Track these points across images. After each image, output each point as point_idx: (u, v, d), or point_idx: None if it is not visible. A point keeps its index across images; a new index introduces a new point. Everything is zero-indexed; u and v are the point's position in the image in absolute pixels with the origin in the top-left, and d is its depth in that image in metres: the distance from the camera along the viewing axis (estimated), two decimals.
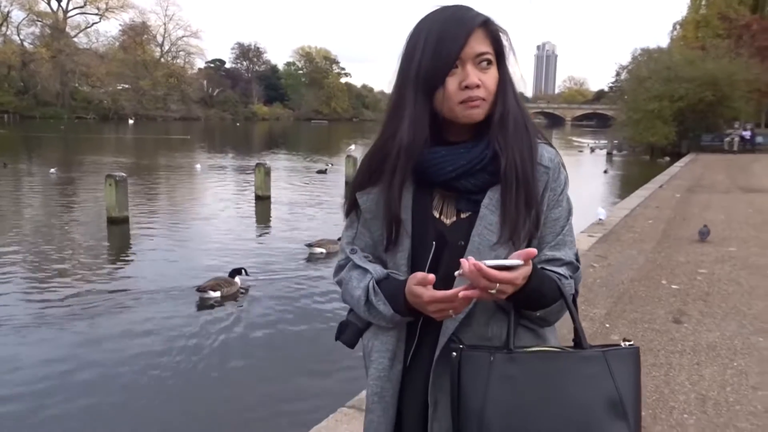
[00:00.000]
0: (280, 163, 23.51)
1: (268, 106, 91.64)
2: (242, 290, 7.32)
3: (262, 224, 12.14)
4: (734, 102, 26.20)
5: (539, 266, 1.17)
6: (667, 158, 24.25)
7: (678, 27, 45.46)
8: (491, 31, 1.17)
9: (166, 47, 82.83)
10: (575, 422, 1.05)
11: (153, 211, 13.17)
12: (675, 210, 9.89)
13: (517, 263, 1.04)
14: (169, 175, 19.86)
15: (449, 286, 1.09)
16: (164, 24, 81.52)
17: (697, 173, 16.82)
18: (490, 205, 1.16)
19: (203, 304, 6.88)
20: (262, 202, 13.70)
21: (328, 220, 11.99)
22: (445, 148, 1.19)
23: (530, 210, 1.16)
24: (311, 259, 8.87)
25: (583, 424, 1.05)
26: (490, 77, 1.16)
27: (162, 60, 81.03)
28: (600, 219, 8.64)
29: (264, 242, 10.35)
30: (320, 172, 20.77)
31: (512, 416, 1.06)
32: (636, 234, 7.86)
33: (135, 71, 72.77)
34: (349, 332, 1.29)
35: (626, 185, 17.57)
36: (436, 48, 1.14)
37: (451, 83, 1.14)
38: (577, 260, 1.22)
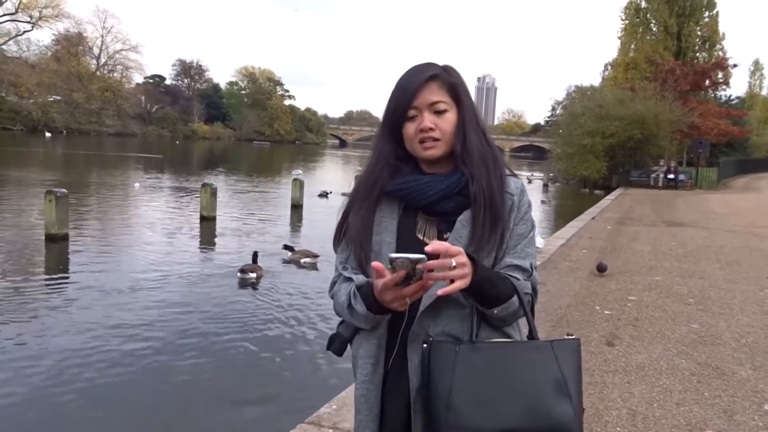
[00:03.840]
0: (223, 184, 23.27)
1: (208, 125, 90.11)
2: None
3: (206, 245, 12.00)
4: (660, 141, 27.88)
5: (502, 269, 1.40)
6: (602, 191, 25.55)
7: (609, 67, 48.12)
8: (446, 82, 1.42)
9: (103, 60, 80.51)
10: (528, 399, 1.26)
11: (92, 229, 12.78)
12: (606, 241, 10.49)
13: (420, 256, 1.19)
14: (105, 194, 19.24)
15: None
16: (101, 36, 79.22)
17: (626, 206, 17.79)
18: (463, 220, 1.39)
19: (242, 284, 8.45)
20: (207, 222, 13.53)
21: (275, 241, 12.02)
22: (428, 176, 1.43)
23: (496, 228, 1.39)
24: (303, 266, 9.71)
25: (535, 402, 1.26)
26: (445, 121, 1.40)
27: (98, 73, 78.57)
28: (538, 248, 9.10)
29: (209, 263, 10.26)
30: (321, 196, 20.27)
31: (475, 397, 1.26)
32: (572, 262, 8.32)
33: (68, 83, 70.14)
34: (337, 343, 1.47)
35: (561, 216, 18.40)
36: (396, 98, 1.41)
37: (410, 128, 1.40)
38: (532, 268, 1.44)
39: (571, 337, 1.39)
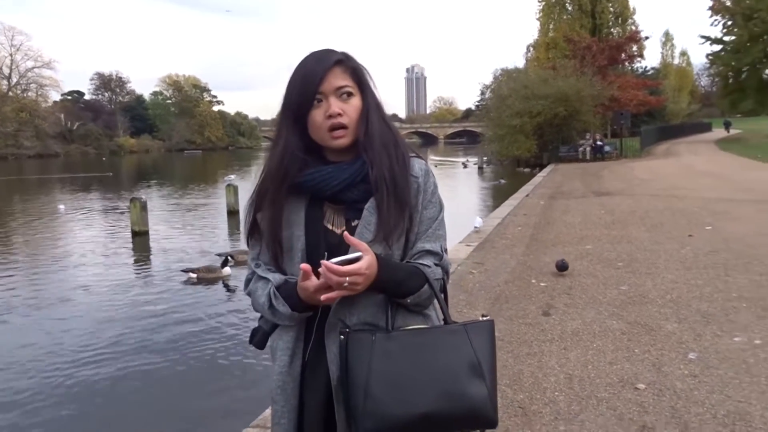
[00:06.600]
0: (155, 197, 22.58)
1: (135, 138, 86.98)
2: (226, 280, 9.04)
3: (140, 260, 11.63)
4: (583, 115, 28.86)
5: (413, 256, 1.41)
6: (537, 169, 26.29)
7: (531, 49, 49.47)
8: (349, 66, 1.41)
9: (15, 79, 76.49)
10: (443, 383, 1.28)
11: (16, 258, 12.14)
12: (540, 216, 10.80)
13: (358, 255, 1.25)
14: (27, 220, 18.17)
15: None
16: (10, 54, 75.26)
17: (557, 181, 18.36)
18: (370, 207, 1.38)
19: (186, 282, 9.03)
20: (140, 237, 13.13)
21: (211, 248, 11.79)
22: (330, 166, 1.40)
23: (403, 212, 1.38)
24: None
25: (450, 384, 1.28)
26: (351, 106, 1.39)
27: (10, 93, 74.53)
28: (476, 227, 9.32)
29: (143, 276, 9.97)
30: None
31: (392, 384, 1.27)
32: (508, 240, 8.52)
33: None
34: (259, 336, 1.46)
35: (499, 195, 18.80)
36: (301, 84, 1.38)
37: (318, 115, 1.37)
38: (443, 250, 1.45)
39: (485, 318, 1.41)
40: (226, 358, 6.03)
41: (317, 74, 1.36)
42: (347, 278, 1.24)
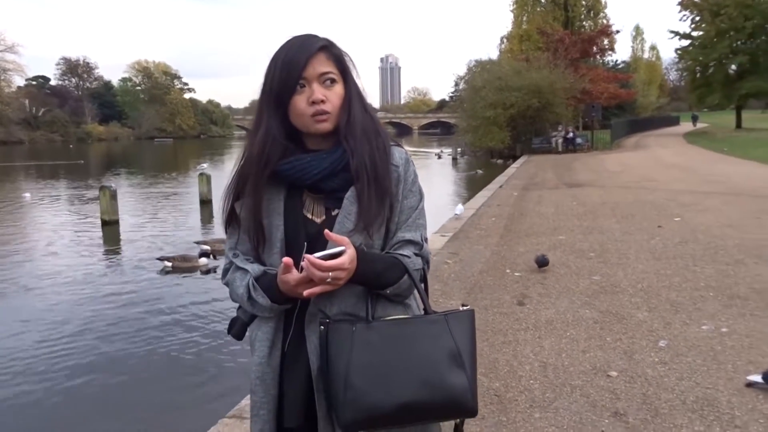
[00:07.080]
0: (125, 186, 22.17)
1: (104, 125, 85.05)
2: (203, 269, 8.96)
3: (110, 250, 11.42)
4: (556, 108, 29.16)
5: (394, 246, 1.40)
6: (510, 160, 26.50)
7: (505, 40, 49.67)
8: (333, 53, 1.38)
9: None
10: (423, 372, 1.28)
11: None
12: (513, 207, 10.91)
13: (341, 249, 1.24)
14: None
15: None
16: None
17: (530, 173, 18.54)
18: (350, 197, 1.37)
19: (161, 271, 8.97)
20: (110, 227, 12.89)
21: (185, 238, 11.64)
22: (309, 155, 1.38)
23: (383, 201, 1.37)
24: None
25: (430, 374, 1.28)
26: (334, 93, 1.37)
27: None
28: (456, 214, 9.49)
29: (114, 266, 9.80)
30: None
31: (372, 375, 1.27)
32: (482, 231, 8.59)
33: None
34: (237, 326, 1.43)
35: (474, 186, 18.91)
36: (283, 70, 1.35)
37: (300, 101, 1.35)
38: (424, 240, 1.45)
39: (465, 307, 1.41)
40: (203, 348, 5.97)
41: (301, 59, 1.34)
42: (330, 273, 1.23)
